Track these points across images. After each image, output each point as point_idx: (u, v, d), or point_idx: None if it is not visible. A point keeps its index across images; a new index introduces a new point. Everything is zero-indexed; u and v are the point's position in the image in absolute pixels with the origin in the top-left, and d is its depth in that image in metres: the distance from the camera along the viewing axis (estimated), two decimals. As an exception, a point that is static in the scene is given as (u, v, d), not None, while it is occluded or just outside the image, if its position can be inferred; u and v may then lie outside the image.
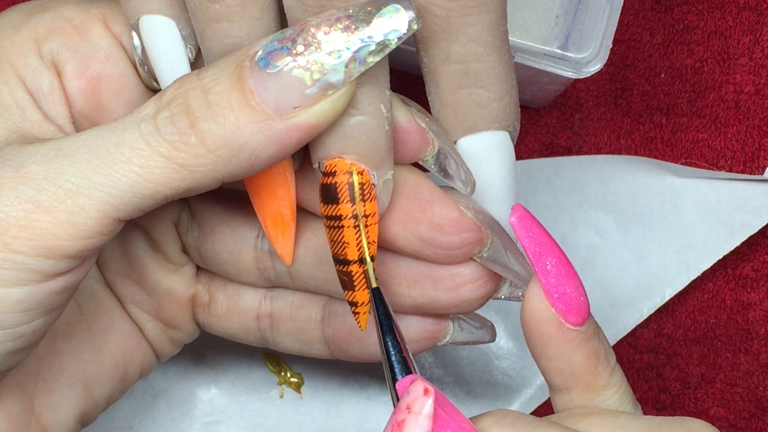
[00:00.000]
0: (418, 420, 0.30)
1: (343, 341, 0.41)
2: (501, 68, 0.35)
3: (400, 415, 0.30)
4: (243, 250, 0.41)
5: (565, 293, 0.34)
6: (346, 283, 0.36)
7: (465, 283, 0.38)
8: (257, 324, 0.43)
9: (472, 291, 0.38)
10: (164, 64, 0.36)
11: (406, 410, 0.30)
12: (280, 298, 0.42)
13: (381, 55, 0.32)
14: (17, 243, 0.31)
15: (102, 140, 0.32)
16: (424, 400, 0.30)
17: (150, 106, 0.33)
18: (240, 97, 0.32)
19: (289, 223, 0.38)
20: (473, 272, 0.38)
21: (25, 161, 0.32)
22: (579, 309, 0.34)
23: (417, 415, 0.30)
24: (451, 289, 0.38)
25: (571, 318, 0.34)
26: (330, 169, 0.34)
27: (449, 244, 0.36)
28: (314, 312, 0.42)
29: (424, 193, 0.36)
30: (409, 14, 0.32)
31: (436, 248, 0.37)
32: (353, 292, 0.36)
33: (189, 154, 0.32)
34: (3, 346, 0.33)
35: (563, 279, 0.34)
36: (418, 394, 0.30)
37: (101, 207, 0.32)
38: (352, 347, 0.41)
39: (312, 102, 0.32)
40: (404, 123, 0.35)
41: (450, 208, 0.36)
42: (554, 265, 0.34)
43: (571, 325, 0.34)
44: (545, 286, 0.34)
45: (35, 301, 0.33)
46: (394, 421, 0.30)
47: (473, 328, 0.41)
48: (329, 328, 0.41)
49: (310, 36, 0.32)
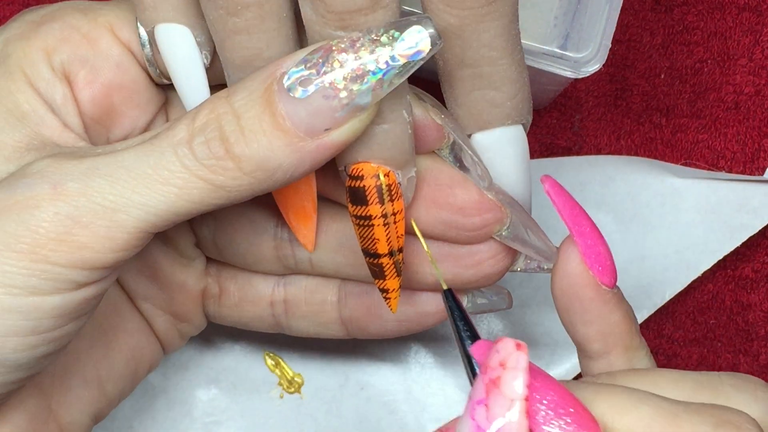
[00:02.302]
0: (516, 374, 0.27)
1: (361, 320, 0.43)
2: (513, 69, 0.37)
3: (494, 373, 0.28)
4: (262, 240, 0.42)
5: (600, 255, 0.35)
6: (377, 273, 0.38)
7: (485, 259, 0.39)
8: (271, 311, 0.44)
9: (492, 266, 0.39)
10: (180, 71, 0.37)
11: (499, 367, 0.28)
12: (293, 283, 0.43)
13: (406, 75, 0.33)
14: (55, 256, 0.33)
15: (140, 162, 0.33)
16: (519, 354, 0.28)
17: (183, 130, 0.34)
18: (272, 122, 0.33)
19: (311, 214, 0.40)
20: (491, 248, 0.39)
21: (63, 179, 0.33)
22: (612, 270, 0.35)
23: (514, 370, 0.28)
24: (472, 265, 0.39)
25: (606, 279, 0.35)
26: (357, 173, 0.35)
27: (471, 226, 0.38)
28: (329, 294, 0.43)
29: (444, 178, 0.38)
30: (431, 33, 0.33)
31: (459, 230, 0.38)
32: (384, 280, 0.38)
33: (226, 177, 0.33)
34: (36, 351, 0.34)
35: (597, 242, 0.35)
36: (511, 349, 0.28)
37: (138, 224, 0.33)
38: (370, 325, 0.43)
39: (342, 123, 0.33)
40: (421, 119, 0.37)
41: (470, 190, 0.38)
42: (590, 228, 0.35)
43: (606, 287, 0.35)
44: (583, 249, 0.35)
45: (69, 308, 0.34)
46: (487, 379, 0.28)
47: (489, 296, 0.43)
48: (346, 308, 0.43)
49: (336, 62, 0.33)
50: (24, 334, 0.33)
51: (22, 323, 0.33)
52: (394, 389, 0.51)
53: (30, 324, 0.33)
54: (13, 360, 0.34)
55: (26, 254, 0.33)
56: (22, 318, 0.33)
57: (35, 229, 0.33)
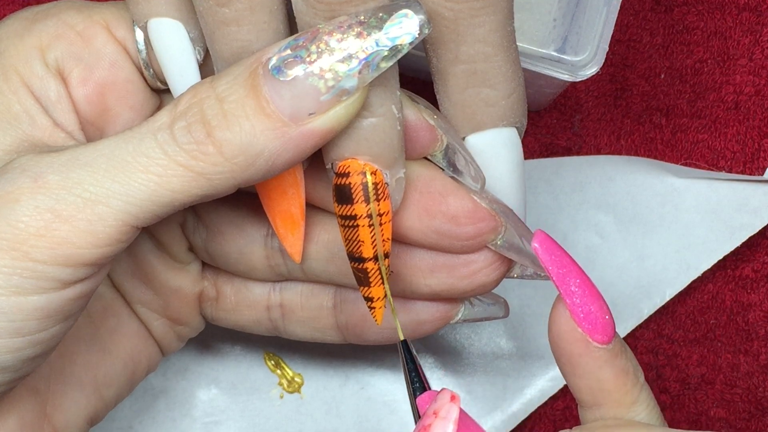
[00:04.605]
0: (445, 424, 0.31)
1: (357, 327, 0.42)
2: (508, 67, 0.36)
3: (427, 420, 0.32)
4: (253, 249, 0.41)
5: (590, 312, 0.35)
6: (361, 280, 0.36)
7: (480, 269, 0.38)
8: (268, 315, 0.43)
9: (487, 275, 0.39)
10: (173, 67, 0.37)
11: (433, 415, 0.32)
12: (289, 288, 0.43)
13: (393, 60, 0.33)
14: (36, 252, 0.32)
15: (119, 150, 0.33)
16: (451, 405, 0.32)
17: (165, 116, 0.33)
18: (255, 105, 0.32)
19: (298, 221, 0.38)
20: (486, 257, 0.38)
21: (43, 171, 0.33)
22: (604, 327, 0.35)
23: (444, 420, 0.32)
24: (467, 276, 0.39)
25: (597, 336, 0.35)
26: (344, 170, 0.35)
27: (465, 235, 0.37)
28: (325, 300, 0.42)
29: (438, 186, 0.37)
30: (420, 19, 0.32)
31: (452, 239, 0.37)
32: (369, 288, 0.37)
33: (207, 162, 0.32)
34: (22, 353, 0.33)
35: (587, 299, 0.35)
36: (446, 400, 0.32)
37: (120, 215, 0.32)
38: (366, 332, 0.42)
39: (327, 108, 0.32)
40: (413, 120, 0.36)
41: (464, 199, 0.37)
42: (578, 286, 0.35)
43: (597, 344, 0.35)
44: (571, 307, 0.35)
45: (54, 309, 0.33)
46: (421, 426, 0.32)
47: (486, 305, 0.42)
48: (342, 314, 0.42)
49: (323, 43, 0.32)
50: (7, 335, 0.32)
51: (4, 324, 0.32)
52: (394, 389, 0.51)
53: (13, 325, 0.32)
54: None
55: (7, 251, 0.32)
56: (5, 319, 0.32)
57: (15, 224, 0.32)
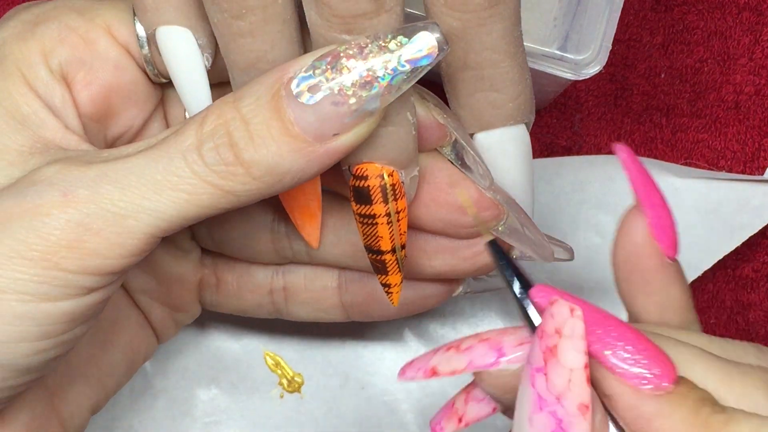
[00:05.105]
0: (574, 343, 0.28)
1: (363, 305, 0.44)
2: (515, 72, 0.37)
3: (551, 340, 0.28)
4: (260, 233, 0.43)
5: (667, 227, 0.35)
6: (379, 269, 0.38)
7: (482, 251, 0.40)
8: (271, 298, 0.44)
9: (488, 257, 0.39)
10: (182, 74, 0.37)
11: (555, 334, 0.28)
12: (293, 271, 0.44)
13: (414, 81, 0.33)
14: (66, 262, 0.33)
15: (149, 169, 0.33)
16: (574, 322, 0.28)
17: (192, 136, 0.34)
18: (280, 128, 0.33)
19: (315, 213, 0.40)
20: None
21: (72, 186, 0.33)
22: (676, 243, 0.35)
23: (570, 339, 0.28)
24: (469, 257, 0.40)
25: (671, 251, 0.35)
26: (361, 173, 0.36)
27: (469, 223, 0.39)
28: (330, 281, 0.44)
29: (444, 177, 0.38)
30: (439, 39, 0.33)
31: (458, 227, 0.39)
32: (387, 276, 0.38)
33: (235, 182, 0.33)
34: (47, 354, 0.34)
35: (666, 213, 0.35)
36: (565, 315, 0.29)
37: (147, 229, 0.33)
38: (372, 309, 0.44)
39: (350, 128, 0.33)
40: (423, 119, 0.37)
41: (469, 189, 0.38)
42: (660, 201, 0.35)
43: (669, 259, 0.35)
44: (652, 219, 0.34)
45: (79, 313, 0.34)
46: (544, 347, 0.29)
47: (487, 277, 0.44)
48: (347, 294, 0.43)
49: (345, 68, 0.33)
50: (35, 339, 0.33)
51: (33, 329, 0.33)
52: (394, 389, 0.51)
53: (41, 329, 0.33)
54: (23, 364, 0.34)
55: (38, 261, 0.33)
56: (34, 324, 0.33)
57: (46, 236, 0.33)
